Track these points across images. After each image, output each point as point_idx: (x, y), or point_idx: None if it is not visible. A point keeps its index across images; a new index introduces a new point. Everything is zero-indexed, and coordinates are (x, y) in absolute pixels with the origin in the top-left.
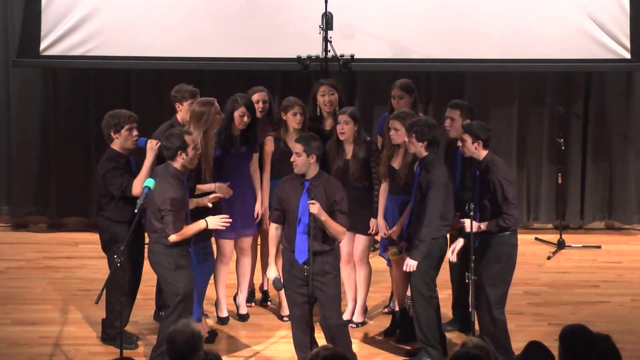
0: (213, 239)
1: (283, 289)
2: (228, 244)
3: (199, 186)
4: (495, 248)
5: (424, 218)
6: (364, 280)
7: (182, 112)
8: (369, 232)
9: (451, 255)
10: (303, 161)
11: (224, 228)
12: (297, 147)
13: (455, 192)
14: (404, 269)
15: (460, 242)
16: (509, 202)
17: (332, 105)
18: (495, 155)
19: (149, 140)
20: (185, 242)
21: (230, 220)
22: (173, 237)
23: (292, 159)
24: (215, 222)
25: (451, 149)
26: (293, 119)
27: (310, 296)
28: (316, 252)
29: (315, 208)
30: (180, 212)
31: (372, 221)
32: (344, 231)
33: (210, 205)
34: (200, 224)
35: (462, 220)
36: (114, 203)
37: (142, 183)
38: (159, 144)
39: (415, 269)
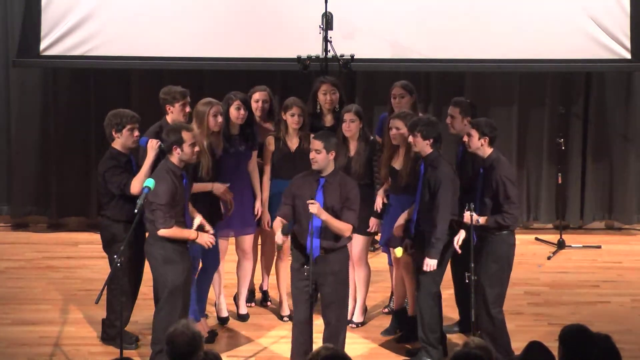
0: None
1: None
2: (223, 242)
3: (195, 185)
4: (494, 248)
5: (437, 215)
6: (364, 280)
7: (174, 113)
8: (368, 230)
9: (455, 244)
10: (323, 157)
11: (207, 247)
12: (316, 144)
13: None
14: (424, 268)
15: (462, 234)
16: (510, 201)
17: (333, 103)
18: (500, 154)
19: (150, 140)
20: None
21: (213, 243)
22: (162, 232)
23: (311, 156)
24: (204, 239)
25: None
26: (291, 120)
27: (311, 295)
28: (327, 250)
29: (314, 208)
30: (171, 207)
31: (372, 220)
32: (348, 228)
33: (221, 191)
34: (191, 234)
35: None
36: (114, 202)
37: (141, 181)
38: (159, 143)
39: (435, 268)
